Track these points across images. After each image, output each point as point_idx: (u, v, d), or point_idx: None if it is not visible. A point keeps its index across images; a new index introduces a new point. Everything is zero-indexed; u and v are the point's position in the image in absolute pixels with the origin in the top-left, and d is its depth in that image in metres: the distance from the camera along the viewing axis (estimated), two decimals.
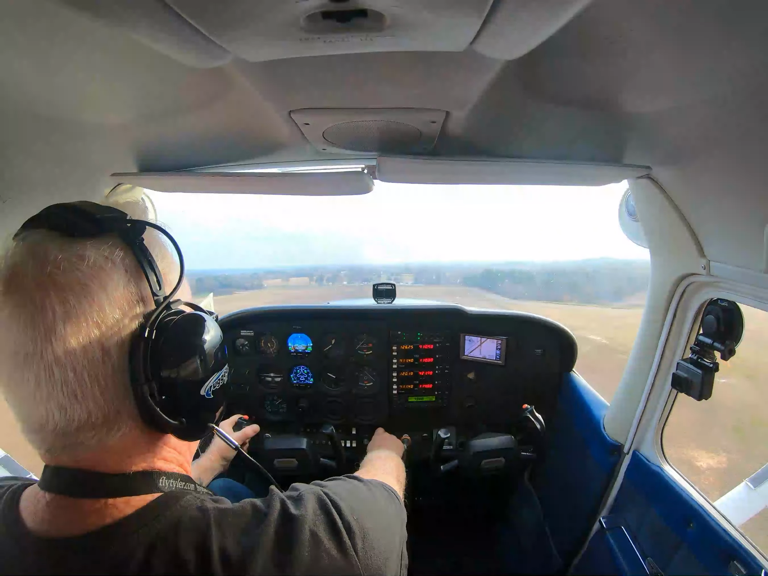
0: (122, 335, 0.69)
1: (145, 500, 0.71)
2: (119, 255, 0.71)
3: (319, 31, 0.70)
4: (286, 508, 0.76)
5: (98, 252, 0.68)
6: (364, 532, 0.80)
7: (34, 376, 0.63)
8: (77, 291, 0.64)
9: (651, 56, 0.86)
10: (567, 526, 2.36)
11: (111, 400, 0.68)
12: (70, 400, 0.65)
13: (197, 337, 0.77)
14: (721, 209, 1.24)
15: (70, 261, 0.65)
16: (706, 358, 1.57)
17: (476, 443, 2.21)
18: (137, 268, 0.73)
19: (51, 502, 0.69)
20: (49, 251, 0.65)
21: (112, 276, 0.69)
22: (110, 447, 0.70)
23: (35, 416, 0.66)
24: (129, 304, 0.70)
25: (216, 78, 1.01)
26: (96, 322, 0.66)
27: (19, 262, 0.65)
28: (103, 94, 1.08)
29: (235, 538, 0.69)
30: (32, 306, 0.63)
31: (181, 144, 1.46)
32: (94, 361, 0.66)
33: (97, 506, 0.68)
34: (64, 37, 0.79)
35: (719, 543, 1.44)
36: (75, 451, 0.69)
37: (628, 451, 1.98)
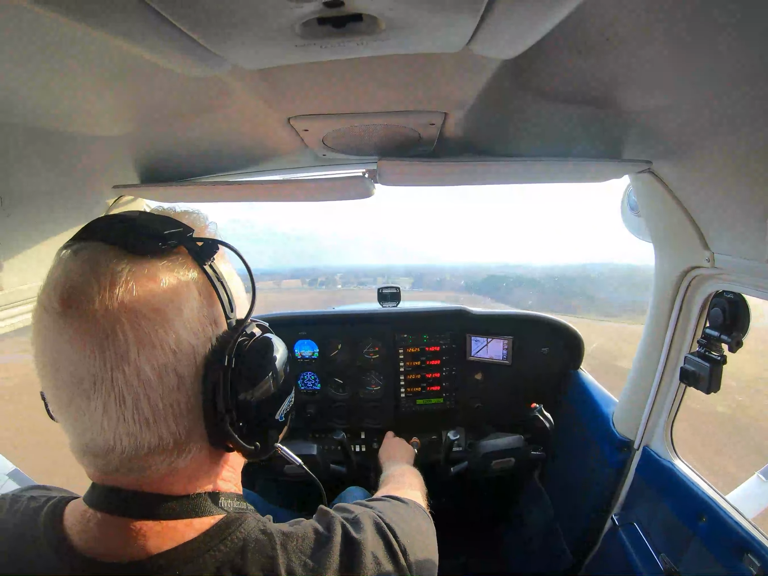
0: (197, 360, 0.66)
1: (208, 523, 0.69)
2: (192, 276, 0.68)
3: (314, 36, 0.70)
4: (347, 532, 0.76)
5: (171, 274, 0.65)
6: (416, 553, 0.81)
7: (102, 404, 0.60)
8: (151, 317, 0.61)
9: (648, 52, 0.86)
10: (579, 525, 2.35)
11: (183, 425, 0.66)
12: (141, 426, 0.62)
13: (272, 360, 0.75)
14: (724, 201, 1.24)
15: (141, 284, 0.62)
16: (714, 351, 1.56)
17: (485, 444, 2.20)
18: (210, 290, 0.70)
19: (103, 521, 0.66)
20: (117, 271, 0.61)
21: (187, 299, 0.66)
22: (178, 470, 0.68)
23: (100, 442, 0.62)
24: (203, 327, 0.67)
25: (214, 87, 1.02)
26: (171, 348, 0.63)
27: (81, 282, 0.60)
28: (102, 106, 1.08)
29: (301, 561, 0.68)
30: (101, 332, 0.59)
31: (182, 154, 1.47)
32: (168, 387, 0.63)
33: (157, 529, 0.65)
34: (61, 49, 0.79)
35: (732, 536, 1.43)
36: (140, 475, 0.66)
37: (638, 446, 1.97)
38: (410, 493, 1.18)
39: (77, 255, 0.63)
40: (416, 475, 1.57)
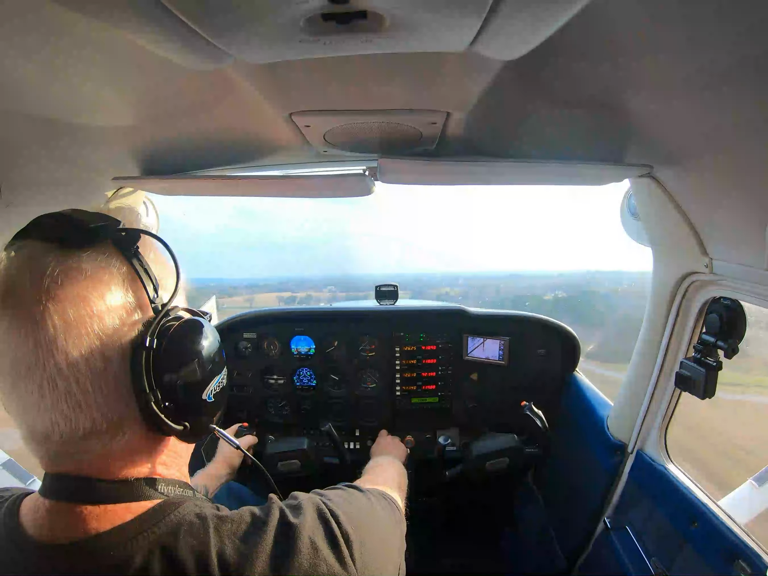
0: (122, 343, 0.69)
1: (145, 506, 0.71)
2: (115, 264, 0.71)
3: (319, 32, 0.70)
4: (284, 516, 0.77)
5: (95, 263, 0.69)
6: (362, 542, 0.80)
7: (38, 388, 0.64)
8: (76, 303, 0.65)
9: (651, 56, 0.86)
10: (571, 527, 2.35)
11: (114, 407, 0.69)
12: (74, 409, 0.65)
13: (197, 342, 0.78)
14: (723, 207, 1.24)
15: (67, 274, 0.66)
16: (710, 357, 1.57)
17: (478, 446, 2.20)
18: (134, 277, 0.73)
19: (51, 508, 0.70)
20: (45, 264, 0.65)
21: (110, 286, 0.69)
22: (114, 453, 0.71)
23: (40, 426, 0.66)
24: (128, 312, 0.71)
25: (217, 81, 1.02)
26: (96, 333, 0.66)
27: (15, 276, 0.66)
28: (105, 98, 1.08)
29: (234, 544, 0.69)
30: (32, 320, 0.63)
31: (183, 147, 1.47)
32: (96, 370, 0.66)
33: (97, 512, 0.68)
34: (65, 39, 0.79)
35: (724, 542, 1.43)
36: (80, 458, 0.69)
37: (632, 450, 1.97)
38: (383, 486, 1.17)
39: (16, 253, 0.68)
40: (398, 471, 1.55)
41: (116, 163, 1.46)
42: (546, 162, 1.34)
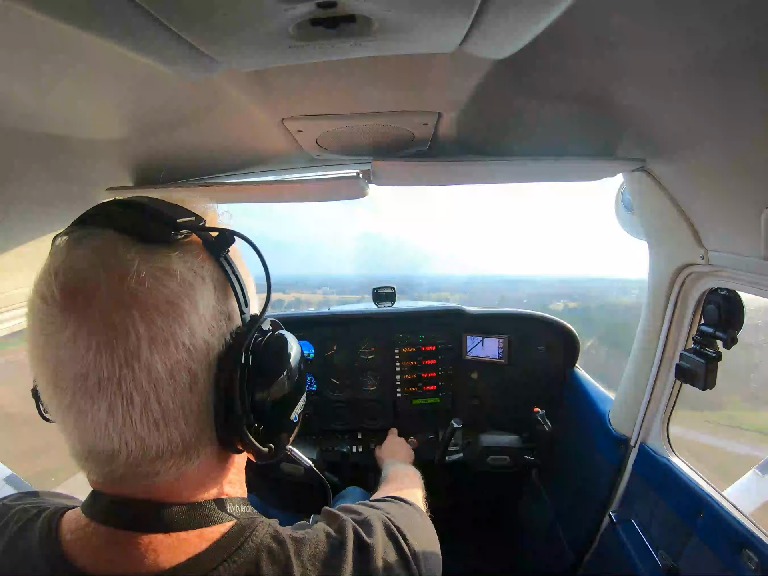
0: (210, 357, 0.62)
1: (219, 532, 0.64)
2: (208, 270, 0.63)
3: (308, 38, 0.70)
4: (359, 536, 0.73)
5: (186, 266, 0.60)
6: (425, 556, 0.80)
7: (108, 405, 0.55)
8: (165, 311, 0.57)
9: (640, 50, 0.86)
10: (577, 522, 2.35)
11: (194, 426, 0.61)
12: (149, 429, 0.57)
13: (288, 358, 0.72)
14: (718, 198, 1.25)
15: (155, 276, 0.57)
16: (709, 348, 1.57)
17: (486, 438, 2.23)
18: (225, 284, 0.65)
19: (110, 537, 0.60)
20: (127, 262, 0.56)
21: (203, 294, 0.61)
22: (186, 475, 0.63)
23: (104, 446, 0.57)
24: (218, 323, 0.63)
25: (208, 89, 1.02)
26: (186, 346, 0.58)
27: (86, 271, 0.56)
28: (96, 109, 1.08)
29: (316, 568, 0.65)
30: (110, 327, 0.54)
31: (176, 156, 1.47)
32: (181, 386, 0.59)
33: (168, 542, 0.60)
34: (54, 54, 0.79)
35: (730, 532, 1.43)
36: (147, 482, 0.61)
37: (635, 444, 1.97)
38: (412, 495, 1.16)
39: (80, 242, 0.58)
40: (418, 477, 1.55)
41: (110, 174, 1.45)
42: (539, 159, 1.34)
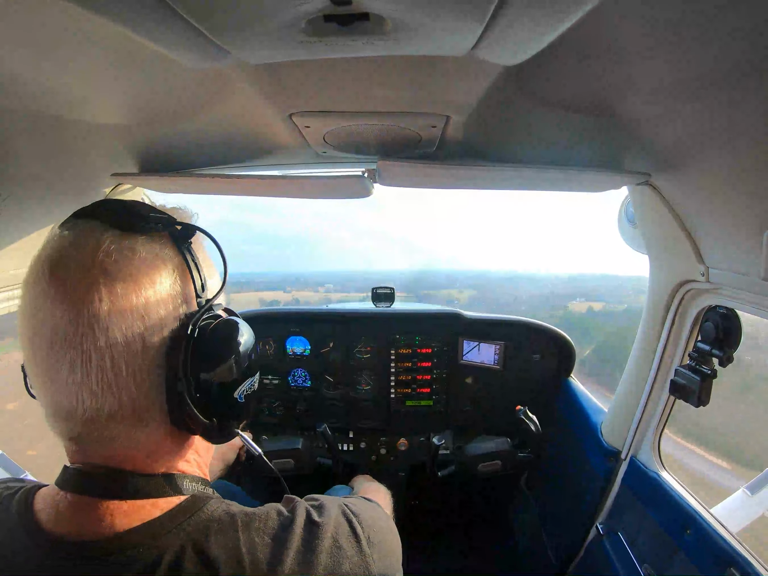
0: (163, 332, 0.69)
1: (172, 503, 0.71)
2: (169, 254, 0.73)
3: (320, 34, 0.70)
4: (310, 514, 0.78)
5: (150, 248, 0.70)
6: (380, 544, 0.82)
7: (70, 361, 0.63)
8: (126, 282, 0.65)
9: (649, 61, 0.86)
10: (564, 532, 2.35)
11: (144, 393, 0.68)
12: (103, 388, 0.65)
13: (236, 341, 0.78)
14: (720, 216, 1.25)
15: (121, 252, 0.67)
16: (705, 365, 1.57)
17: (472, 447, 2.22)
18: (184, 269, 0.74)
19: (74, 503, 0.68)
20: (100, 240, 0.66)
21: (161, 273, 0.70)
22: (138, 444, 0.71)
23: (65, 402, 0.65)
24: (174, 302, 0.71)
25: (217, 79, 1.02)
26: (141, 316, 0.66)
27: (68, 248, 0.66)
28: (104, 94, 1.08)
29: (264, 542, 0.70)
30: (79, 291, 0.63)
31: (182, 145, 1.47)
32: (134, 353, 0.66)
33: (124, 508, 0.68)
34: (65, 34, 0.79)
35: (716, 550, 1.43)
36: (105, 445, 0.69)
37: (626, 457, 1.97)
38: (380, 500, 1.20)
39: (69, 229, 0.69)
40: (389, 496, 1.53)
41: (115, 160, 1.45)
42: (545, 168, 1.34)
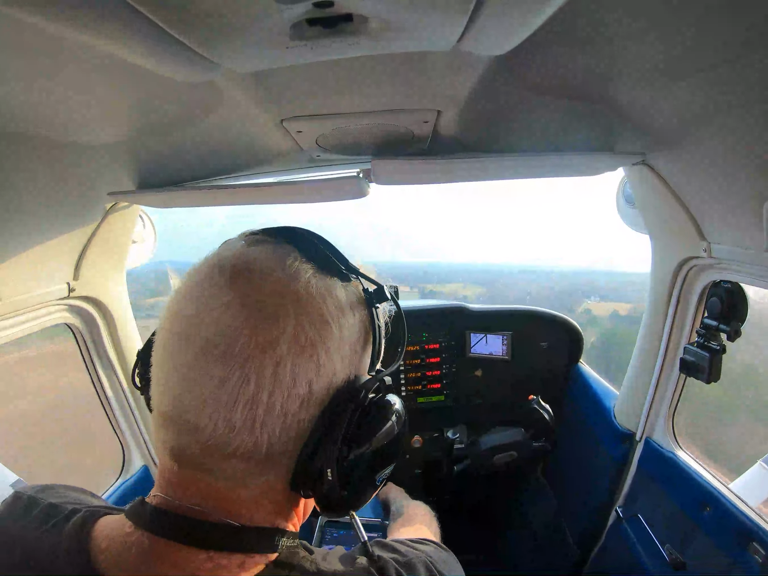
0: (332, 387, 0.61)
1: (259, 564, 0.60)
2: (360, 311, 0.67)
3: (305, 38, 0.70)
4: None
5: (347, 297, 0.65)
6: None
7: (221, 377, 0.55)
8: (315, 321, 0.59)
9: (638, 42, 0.86)
10: (583, 518, 2.35)
11: (284, 442, 0.58)
12: (244, 420, 0.55)
13: (398, 421, 0.70)
14: (719, 190, 1.24)
15: (320, 292, 0.60)
16: (713, 341, 1.57)
17: (486, 440, 2.21)
18: (368, 331, 0.68)
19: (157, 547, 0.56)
20: (300, 269, 0.61)
21: (350, 324, 0.64)
22: (243, 492, 0.61)
23: (193, 416, 0.56)
24: (351, 360, 0.64)
25: (207, 91, 1.02)
26: (317, 362, 0.58)
27: (263, 261, 0.60)
28: (96, 113, 1.08)
29: None
30: (263, 309, 0.56)
31: (177, 159, 1.47)
32: (296, 396, 0.57)
33: (208, 566, 0.56)
34: (52, 57, 0.79)
35: (737, 525, 1.43)
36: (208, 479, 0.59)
37: (640, 438, 1.97)
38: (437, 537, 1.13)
39: (258, 244, 0.64)
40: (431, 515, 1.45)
41: (111, 178, 1.46)
42: (539, 154, 1.34)
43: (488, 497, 3.06)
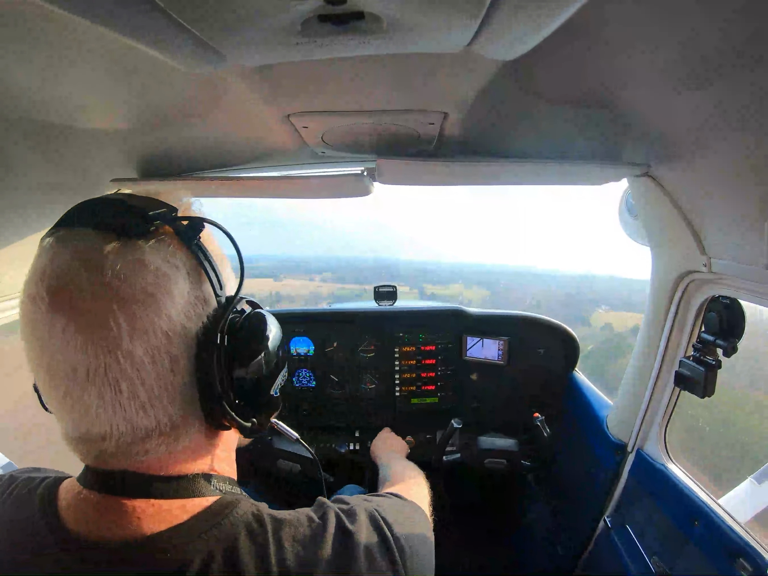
0: (188, 341, 0.65)
1: (201, 505, 0.68)
2: (181, 258, 0.66)
3: (315, 34, 0.70)
4: (341, 522, 0.74)
5: (160, 256, 0.63)
6: (413, 552, 0.78)
7: (97, 392, 0.59)
8: (143, 301, 0.60)
9: (646, 53, 0.86)
10: (573, 526, 2.35)
11: (180, 407, 0.66)
12: (137, 412, 0.62)
13: (264, 335, 0.74)
14: (722, 205, 1.24)
15: (130, 268, 0.60)
16: (709, 356, 1.57)
17: (484, 440, 2.22)
18: (199, 271, 0.68)
19: (100, 503, 0.65)
20: (103, 257, 0.59)
21: (177, 282, 0.64)
22: (176, 452, 0.68)
23: (96, 430, 0.62)
24: (194, 308, 0.66)
25: (214, 83, 1.02)
26: (164, 332, 0.62)
27: (68, 271, 0.59)
28: (102, 101, 1.08)
29: (294, 550, 0.67)
30: (93, 322, 0.58)
31: (181, 149, 1.47)
32: (163, 371, 0.63)
33: (151, 510, 0.65)
34: (62, 42, 0.79)
35: (725, 541, 1.43)
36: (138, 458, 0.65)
37: (632, 449, 1.97)
38: (416, 494, 1.13)
39: (62, 242, 0.62)
40: (422, 476, 1.49)
41: (114, 166, 1.45)
42: (544, 161, 1.34)
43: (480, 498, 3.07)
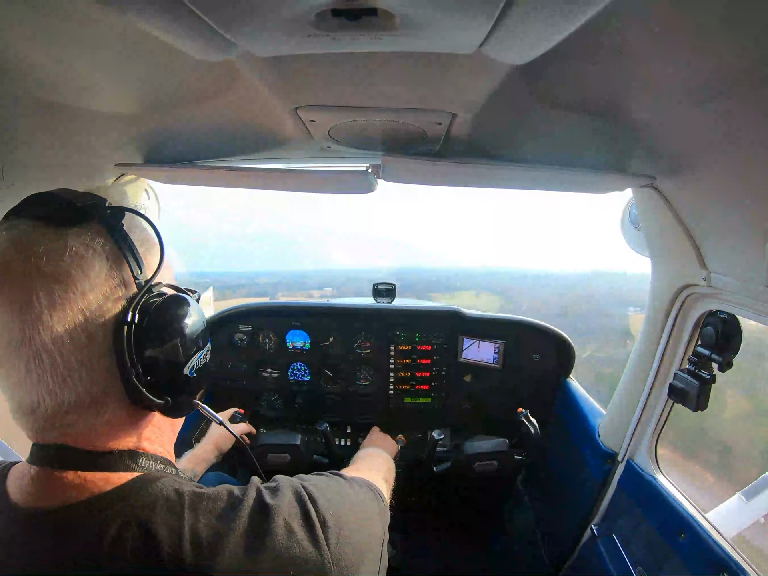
0: (106, 319, 0.71)
1: (124, 478, 0.73)
2: (99, 242, 0.73)
3: (328, 28, 0.70)
4: (261, 496, 0.78)
5: (79, 240, 0.70)
6: (339, 527, 0.80)
7: (24, 363, 0.66)
8: (61, 280, 0.67)
9: (657, 65, 0.86)
10: (558, 533, 2.36)
11: (98, 382, 0.71)
12: (59, 384, 0.68)
13: (179, 317, 0.80)
14: (724, 221, 1.24)
15: (53, 251, 0.68)
16: (704, 370, 1.57)
17: (469, 445, 2.22)
18: (118, 254, 0.74)
19: (35, 475, 0.72)
20: (32, 242, 0.68)
21: (93, 263, 0.70)
22: (98, 426, 0.74)
23: (27, 401, 0.69)
24: (111, 289, 0.72)
25: (223, 71, 1.01)
26: (81, 309, 0.68)
27: (5, 254, 0.68)
28: (109, 83, 1.07)
29: (208, 521, 0.71)
30: (20, 296, 0.65)
31: (186, 136, 1.46)
32: (80, 345, 0.68)
33: (77, 481, 0.71)
34: (72, 22, 0.79)
35: (710, 554, 1.44)
36: (65, 431, 0.72)
37: (622, 459, 1.97)
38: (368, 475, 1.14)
39: (6, 233, 0.70)
40: (385, 462, 1.54)
41: (119, 150, 1.45)
42: (549, 167, 1.34)
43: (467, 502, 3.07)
